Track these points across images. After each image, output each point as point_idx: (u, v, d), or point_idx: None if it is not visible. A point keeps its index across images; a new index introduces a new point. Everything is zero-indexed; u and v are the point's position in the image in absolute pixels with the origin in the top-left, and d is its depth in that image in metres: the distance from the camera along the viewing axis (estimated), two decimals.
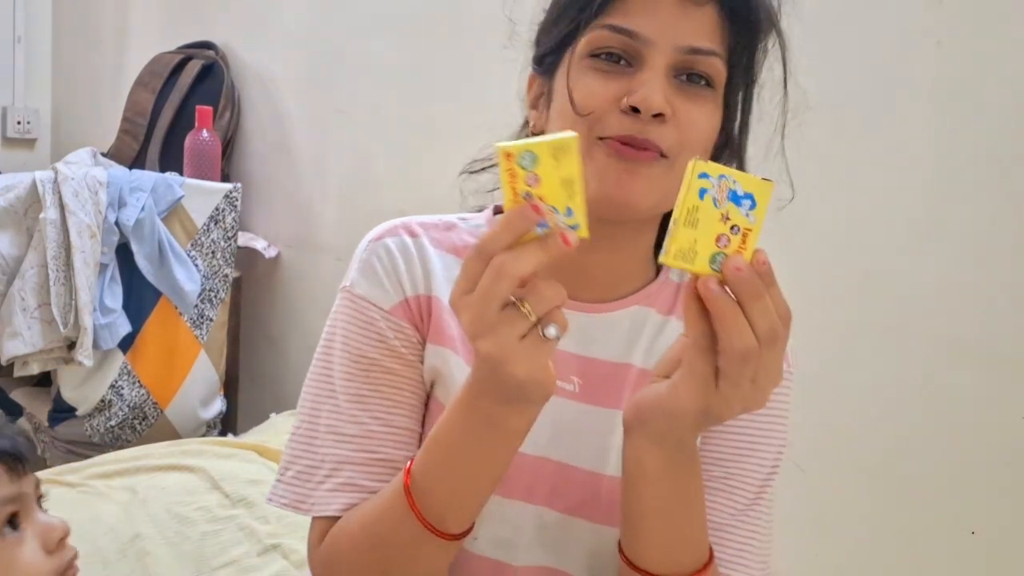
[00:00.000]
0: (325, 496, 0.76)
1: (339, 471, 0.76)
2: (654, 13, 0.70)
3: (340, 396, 0.78)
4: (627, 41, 0.70)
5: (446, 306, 0.77)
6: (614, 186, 0.71)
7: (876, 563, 1.31)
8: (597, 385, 0.79)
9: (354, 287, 0.79)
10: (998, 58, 1.16)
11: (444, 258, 0.80)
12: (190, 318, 2.13)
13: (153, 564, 1.35)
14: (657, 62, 0.70)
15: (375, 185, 2.11)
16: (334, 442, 0.77)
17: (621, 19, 0.70)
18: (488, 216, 0.85)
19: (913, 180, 1.25)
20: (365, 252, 0.80)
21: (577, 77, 0.72)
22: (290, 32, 2.33)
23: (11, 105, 3.23)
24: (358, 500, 0.75)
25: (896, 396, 1.28)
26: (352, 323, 0.78)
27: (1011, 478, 1.17)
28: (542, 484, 0.77)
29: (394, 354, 0.77)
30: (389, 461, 0.77)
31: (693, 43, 0.70)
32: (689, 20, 0.70)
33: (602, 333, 0.79)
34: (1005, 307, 1.17)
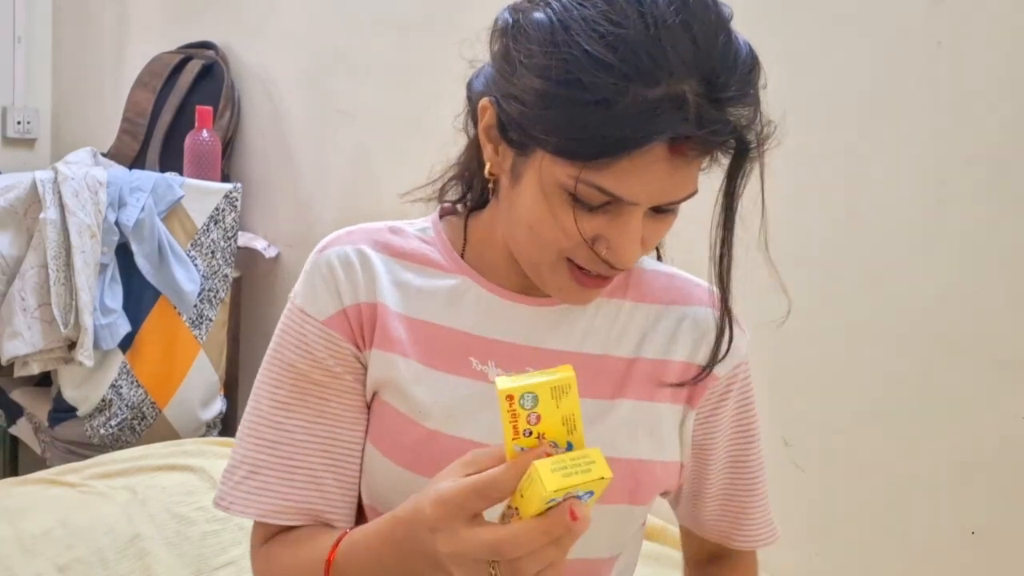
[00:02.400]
0: (243, 497, 0.79)
1: (256, 474, 0.79)
2: (646, 182, 0.66)
3: (264, 402, 0.80)
4: (611, 200, 0.68)
5: (392, 311, 0.80)
6: (570, 298, 0.77)
7: (876, 563, 1.31)
8: None
9: (295, 297, 0.82)
10: (998, 58, 1.16)
11: (388, 262, 0.82)
12: (189, 318, 2.13)
13: (153, 564, 1.35)
14: (637, 214, 0.69)
15: (375, 185, 2.11)
16: (254, 446, 0.80)
17: (612, 184, 0.66)
18: (434, 219, 0.87)
19: (913, 180, 1.25)
20: (309, 264, 0.82)
21: (553, 206, 0.69)
22: (290, 32, 2.33)
23: (11, 105, 3.23)
24: (273, 507, 0.79)
25: (896, 396, 1.28)
26: (286, 333, 0.81)
27: (1011, 478, 1.17)
28: None
29: (320, 367, 0.79)
30: (308, 470, 0.79)
31: (675, 197, 0.69)
32: (676, 177, 0.67)
33: (552, 324, 0.81)
34: (1005, 307, 1.17)
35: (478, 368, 0.79)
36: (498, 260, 0.81)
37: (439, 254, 0.83)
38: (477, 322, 0.80)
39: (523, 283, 0.81)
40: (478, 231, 0.83)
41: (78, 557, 1.35)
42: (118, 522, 1.44)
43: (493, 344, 0.80)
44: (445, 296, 0.81)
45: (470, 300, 0.81)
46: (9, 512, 1.46)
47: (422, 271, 0.82)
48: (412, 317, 0.80)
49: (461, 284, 0.81)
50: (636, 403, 0.82)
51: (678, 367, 0.83)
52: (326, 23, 2.22)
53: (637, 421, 0.81)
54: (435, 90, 1.95)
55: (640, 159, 0.65)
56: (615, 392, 0.81)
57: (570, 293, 0.75)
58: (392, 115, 2.06)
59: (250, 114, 2.45)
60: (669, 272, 0.88)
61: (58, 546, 1.37)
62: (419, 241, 0.84)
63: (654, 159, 0.65)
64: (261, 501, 0.79)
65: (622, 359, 0.82)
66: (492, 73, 0.75)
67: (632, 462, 0.80)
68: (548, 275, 0.75)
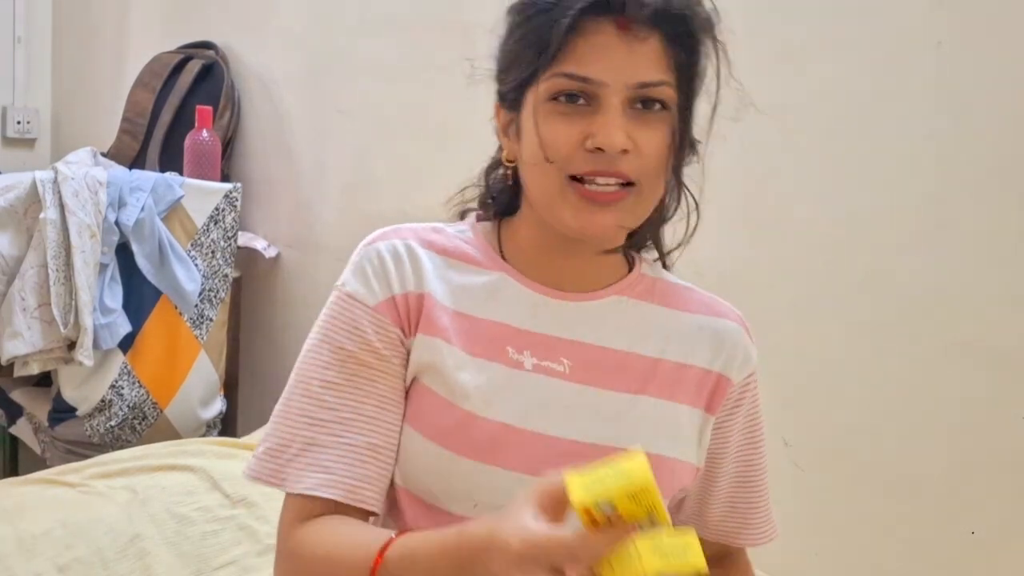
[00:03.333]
0: (296, 473, 0.81)
1: (308, 452, 0.81)
2: (603, 56, 0.76)
3: (314, 382, 0.83)
4: (583, 85, 0.77)
5: (438, 302, 0.84)
6: (589, 221, 0.79)
7: (876, 563, 1.31)
8: (586, 366, 0.85)
9: (344, 285, 0.86)
10: (998, 58, 1.16)
11: (433, 258, 0.87)
12: (190, 318, 2.13)
13: (153, 564, 1.35)
14: (613, 101, 0.77)
15: (375, 185, 2.11)
16: (305, 424, 0.82)
17: (575, 66, 0.77)
18: (472, 223, 0.92)
19: (913, 180, 1.25)
20: (358, 255, 0.87)
21: (542, 123, 0.78)
22: (290, 32, 2.33)
23: (11, 105, 3.22)
24: (327, 481, 0.80)
25: (896, 396, 1.28)
26: (336, 317, 0.85)
27: (1011, 478, 1.17)
28: (537, 457, 0.81)
29: (370, 349, 0.83)
30: (355, 447, 0.82)
31: (643, 78, 0.77)
32: (636, 56, 0.77)
33: (586, 320, 0.86)
34: (1005, 307, 1.17)
35: (514, 357, 0.84)
36: (532, 257, 0.87)
37: (478, 252, 0.88)
38: (514, 314, 0.85)
39: (556, 278, 0.87)
40: (511, 233, 0.89)
41: (78, 557, 1.35)
42: (118, 522, 1.44)
43: (529, 335, 0.85)
44: (485, 290, 0.86)
45: (508, 294, 0.86)
46: (9, 512, 1.46)
47: (463, 267, 0.87)
48: (455, 310, 0.85)
49: (499, 280, 0.87)
50: (658, 401, 0.86)
51: (697, 372, 0.88)
52: (326, 23, 2.22)
53: (659, 418, 0.86)
54: (435, 90, 1.95)
55: (592, 38, 0.76)
56: (639, 388, 0.86)
57: (587, 216, 0.79)
58: (392, 115, 2.06)
59: (250, 114, 2.44)
60: (689, 286, 0.94)
61: (58, 546, 1.37)
62: (459, 240, 0.89)
63: (606, 36, 0.76)
64: (316, 475, 0.80)
65: (647, 358, 0.87)
66: None
67: (652, 456, 0.81)
68: (561, 208, 0.79)
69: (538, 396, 0.83)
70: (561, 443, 0.82)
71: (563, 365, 0.84)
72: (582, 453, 0.81)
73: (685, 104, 0.80)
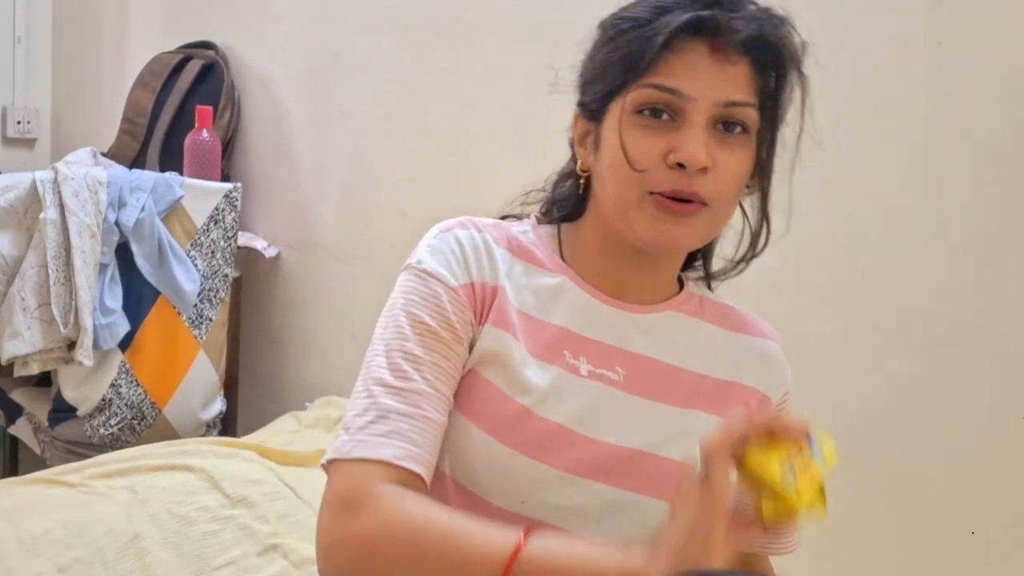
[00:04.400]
0: (373, 439, 0.77)
1: (386, 419, 0.78)
2: (693, 73, 0.78)
3: (395, 352, 0.82)
4: (670, 98, 0.79)
5: (509, 299, 0.86)
6: (662, 234, 0.81)
7: (876, 563, 1.31)
8: (638, 377, 0.87)
9: (423, 263, 0.85)
10: (998, 58, 1.16)
11: (504, 255, 0.88)
12: (189, 318, 2.13)
13: (153, 564, 1.35)
14: (698, 118, 0.79)
15: (375, 185, 2.11)
16: (382, 392, 0.80)
17: (664, 79, 0.79)
18: (533, 223, 0.93)
19: (913, 180, 1.25)
20: (436, 239, 0.87)
21: (626, 134, 0.80)
22: (290, 32, 2.33)
23: (11, 105, 3.22)
24: (404, 452, 0.76)
25: (896, 396, 1.28)
26: (415, 292, 0.84)
27: (1011, 478, 1.17)
28: (587, 460, 0.83)
29: (449, 326, 0.83)
30: (430, 420, 0.80)
31: (730, 97, 0.79)
32: (725, 76, 0.79)
33: (641, 332, 0.88)
34: (1005, 306, 1.17)
35: (571, 362, 0.85)
36: (593, 263, 0.89)
37: (541, 253, 0.90)
38: (573, 320, 0.87)
39: (616, 288, 0.89)
40: (572, 237, 0.91)
41: (78, 557, 1.35)
42: (118, 522, 1.44)
43: (586, 342, 0.86)
44: (547, 293, 0.88)
45: (569, 299, 0.88)
46: (9, 512, 1.46)
47: (529, 268, 0.89)
48: (519, 309, 0.86)
49: (561, 283, 0.88)
50: (705, 415, 0.88)
51: (742, 390, 0.91)
52: (326, 23, 2.22)
53: (704, 431, 0.84)
54: (435, 90, 1.95)
55: (684, 55, 0.78)
56: (687, 402, 0.88)
57: (663, 228, 0.80)
58: (392, 115, 2.06)
59: (250, 114, 2.44)
60: (730, 306, 0.97)
61: (58, 546, 1.37)
62: (524, 240, 0.90)
63: (697, 54, 0.79)
64: (397, 444, 0.77)
65: (695, 374, 0.89)
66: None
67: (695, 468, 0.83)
68: (636, 217, 0.81)
69: (592, 401, 0.84)
70: (609, 447, 0.84)
71: (617, 374, 0.86)
72: (630, 459, 0.84)
73: (769, 132, 0.83)
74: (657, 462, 0.85)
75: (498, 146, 1.78)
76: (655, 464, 0.85)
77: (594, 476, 0.84)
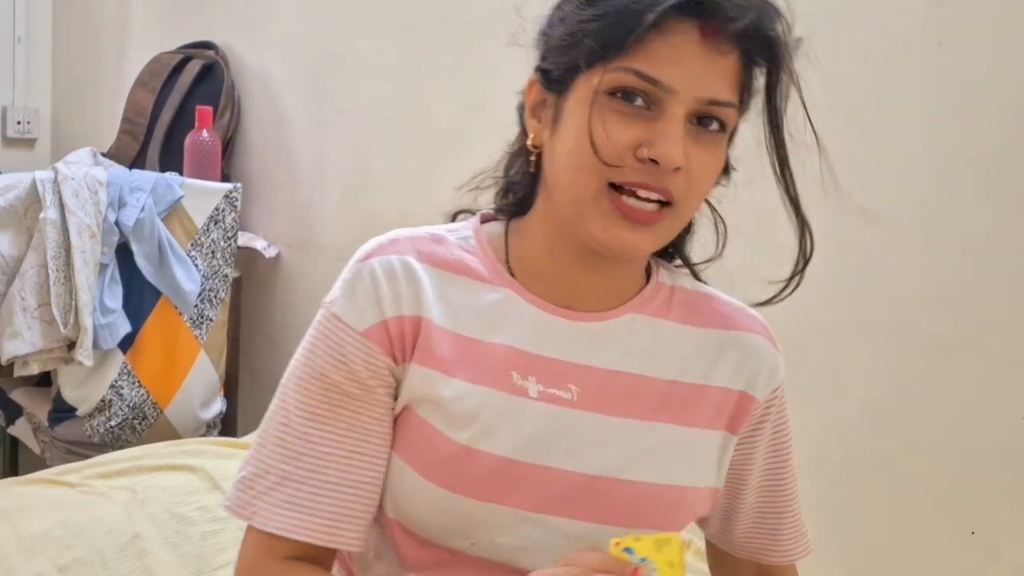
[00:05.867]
0: (267, 508, 0.76)
1: (282, 486, 0.76)
2: (679, 62, 0.70)
3: (292, 411, 0.77)
4: (650, 87, 0.70)
5: (436, 326, 0.78)
6: (618, 238, 0.73)
7: (876, 563, 1.31)
8: (595, 392, 0.79)
9: (332, 304, 0.79)
10: (998, 58, 1.16)
11: (433, 275, 0.79)
12: (190, 318, 2.13)
13: (153, 564, 1.35)
14: (677, 111, 0.71)
15: (375, 185, 2.11)
16: (281, 456, 0.77)
17: (647, 64, 0.70)
18: (476, 226, 0.84)
19: (913, 180, 1.25)
20: (350, 272, 0.79)
21: (596, 118, 0.71)
22: (290, 32, 2.33)
23: (11, 105, 3.22)
24: (298, 522, 0.75)
25: (896, 396, 1.28)
26: (321, 340, 0.78)
27: (1011, 478, 1.17)
28: (539, 492, 0.77)
29: (354, 379, 0.77)
30: (335, 485, 0.76)
31: (715, 95, 0.72)
32: (712, 70, 0.71)
33: (597, 342, 0.80)
34: (1005, 306, 1.17)
35: (519, 383, 0.78)
36: (542, 270, 0.80)
37: (482, 265, 0.81)
38: (520, 337, 0.79)
39: (567, 295, 0.80)
40: (520, 237, 0.82)
41: (78, 557, 1.35)
42: (118, 522, 1.44)
43: (536, 359, 0.79)
44: (489, 310, 0.79)
45: (514, 315, 0.79)
46: (9, 512, 1.46)
47: (466, 284, 0.80)
48: (456, 332, 0.78)
49: (505, 298, 0.80)
50: (673, 427, 0.81)
51: (717, 393, 0.83)
52: (326, 23, 2.22)
53: (673, 445, 0.81)
54: (435, 90, 1.95)
55: (671, 38, 0.70)
56: (651, 414, 0.80)
57: (617, 233, 0.73)
58: (392, 115, 2.06)
59: (250, 114, 2.44)
60: (710, 294, 0.88)
61: (58, 546, 1.37)
62: (462, 251, 0.82)
63: (685, 39, 0.70)
64: (290, 515, 0.75)
65: (661, 381, 0.81)
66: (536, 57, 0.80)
67: (665, 487, 0.80)
68: (591, 215, 0.73)
69: (543, 426, 0.77)
70: (565, 476, 0.77)
71: (570, 392, 0.78)
72: (588, 486, 0.78)
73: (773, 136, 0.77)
74: (621, 487, 0.78)
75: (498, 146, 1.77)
76: (619, 489, 0.78)
77: (550, 510, 0.77)
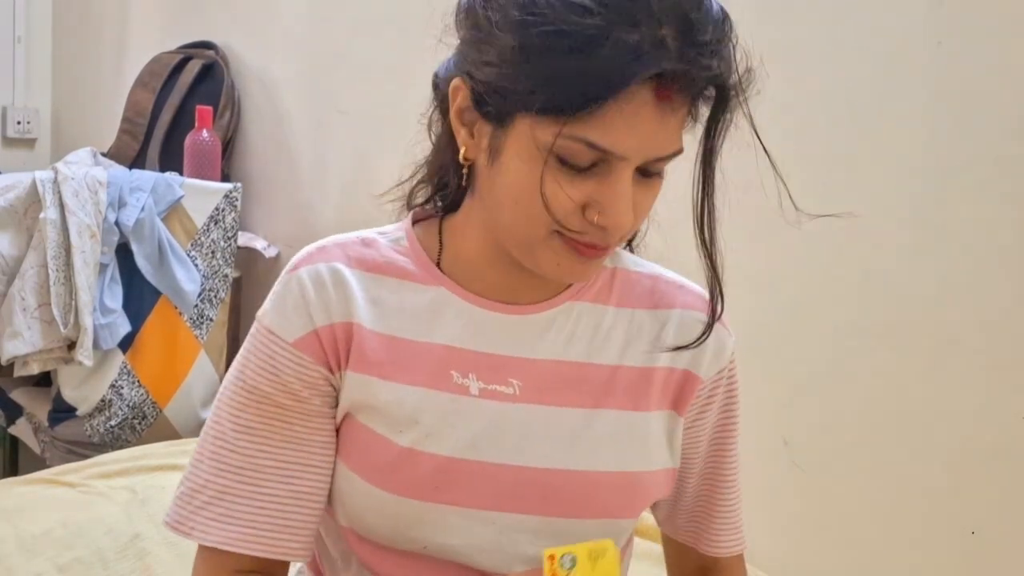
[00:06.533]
0: (205, 523, 0.76)
1: (220, 500, 0.76)
2: (633, 130, 0.65)
3: (227, 425, 0.77)
4: (600, 155, 0.66)
5: (368, 330, 0.77)
6: (570, 271, 0.73)
7: (876, 563, 1.31)
8: (537, 385, 0.78)
9: (263, 317, 0.78)
10: (998, 58, 1.16)
11: (362, 278, 0.78)
12: (190, 318, 2.13)
13: (153, 564, 1.35)
14: (626, 174, 0.68)
15: (375, 185, 2.10)
16: (217, 470, 0.76)
17: (599, 135, 0.65)
18: (407, 227, 0.83)
19: (913, 180, 1.25)
20: (279, 284, 0.78)
21: (546, 177, 0.67)
22: (290, 32, 2.33)
23: (11, 105, 3.23)
24: (238, 535, 0.75)
25: (896, 396, 1.28)
26: (253, 354, 0.77)
27: (1011, 478, 1.17)
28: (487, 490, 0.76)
29: (286, 390, 0.76)
30: (274, 497, 0.76)
31: (664, 152, 0.68)
32: (665, 130, 0.67)
33: (536, 333, 0.79)
34: (1005, 307, 1.17)
35: (459, 382, 0.77)
36: (477, 266, 0.79)
37: (414, 265, 0.80)
38: (457, 335, 0.78)
39: (504, 290, 0.79)
40: (454, 235, 0.80)
41: (78, 557, 1.35)
42: (118, 522, 1.44)
43: (475, 356, 0.77)
44: (423, 310, 0.78)
45: (449, 313, 0.78)
46: (9, 512, 1.46)
47: (398, 285, 0.79)
48: (389, 335, 0.77)
49: (439, 296, 0.79)
50: (619, 413, 0.80)
51: (661, 373, 0.82)
52: (326, 23, 2.22)
53: (622, 431, 0.80)
54: None
55: (626, 105, 0.64)
56: (597, 401, 0.79)
57: (568, 268, 0.72)
58: (392, 115, 2.06)
59: (250, 114, 2.44)
60: (654, 274, 0.86)
61: (58, 546, 1.37)
62: (393, 252, 0.80)
63: (640, 104, 0.64)
64: (228, 529, 0.75)
65: (605, 367, 0.80)
66: (461, 52, 0.74)
67: (617, 475, 0.79)
68: (541, 253, 0.72)
69: (486, 423, 0.76)
70: (512, 471, 0.76)
71: (512, 387, 0.77)
72: (539, 480, 0.77)
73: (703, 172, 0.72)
74: (573, 478, 0.77)
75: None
76: (571, 480, 0.77)
77: (501, 507, 0.76)
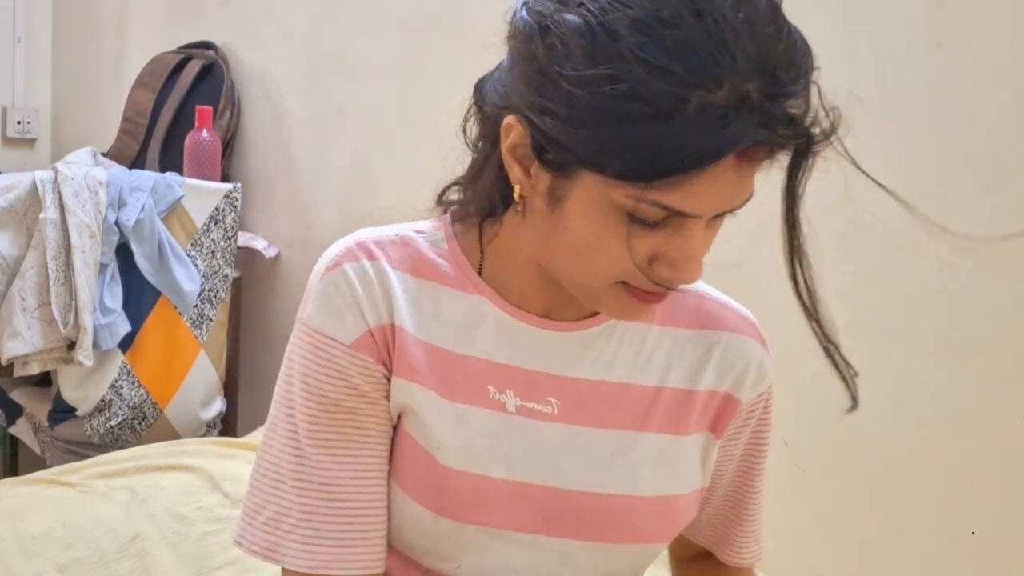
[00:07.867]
0: (295, 547, 0.72)
1: (307, 521, 0.72)
2: (715, 193, 0.61)
3: (303, 440, 0.73)
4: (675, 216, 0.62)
5: (409, 335, 0.73)
6: (631, 315, 0.70)
7: (876, 563, 1.31)
8: (577, 405, 0.76)
9: (311, 321, 0.73)
10: (998, 58, 1.16)
11: (404, 279, 0.74)
12: (190, 318, 2.13)
13: (153, 564, 1.34)
14: (699, 228, 0.64)
15: (375, 185, 2.11)
16: (300, 490, 0.72)
17: (678, 200, 0.60)
18: (447, 227, 0.79)
19: (912, 180, 1.25)
20: (322, 282, 0.74)
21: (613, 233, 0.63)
22: (290, 32, 2.33)
23: (11, 105, 3.23)
24: (327, 557, 0.72)
25: (896, 396, 1.28)
26: (311, 360, 0.73)
27: (1011, 478, 1.17)
28: (522, 511, 0.74)
29: (357, 393, 0.73)
30: (357, 511, 0.73)
31: (739, 203, 0.64)
32: (742, 186, 0.63)
33: (577, 351, 0.76)
34: (1006, 307, 1.17)
35: (496, 397, 0.74)
36: (519, 278, 0.75)
37: (454, 270, 0.76)
38: (496, 348, 0.74)
39: (546, 305, 0.76)
40: (497, 247, 0.76)
41: (78, 557, 1.35)
42: (118, 522, 1.44)
43: (513, 372, 0.74)
44: (462, 320, 0.75)
45: (489, 324, 0.75)
46: (9, 512, 1.46)
47: (437, 290, 0.75)
48: (428, 343, 0.74)
49: (479, 306, 0.75)
50: (660, 436, 0.78)
51: (703, 396, 0.80)
52: (326, 23, 2.22)
53: (662, 456, 0.78)
54: (435, 90, 1.95)
55: (711, 172, 0.59)
56: (639, 424, 0.77)
57: (632, 311, 0.70)
58: (392, 115, 2.06)
59: (250, 114, 2.44)
60: (698, 292, 0.83)
61: (58, 546, 1.37)
62: (433, 254, 0.76)
63: (724, 169, 0.60)
64: (316, 552, 0.72)
65: (647, 388, 0.78)
66: (514, 84, 0.67)
67: (655, 499, 0.77)
68: (602, 299, 0.69)
69: (522, 442, 0.74)
70: (550, 493, 0.74)
71: (550, 405, 0.74)
72: (575, 502, 0.75)
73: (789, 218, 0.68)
74: (611, 502, 0.75)
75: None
76: (609, 504, 0.75)
77: (537, 530, 0.74)
